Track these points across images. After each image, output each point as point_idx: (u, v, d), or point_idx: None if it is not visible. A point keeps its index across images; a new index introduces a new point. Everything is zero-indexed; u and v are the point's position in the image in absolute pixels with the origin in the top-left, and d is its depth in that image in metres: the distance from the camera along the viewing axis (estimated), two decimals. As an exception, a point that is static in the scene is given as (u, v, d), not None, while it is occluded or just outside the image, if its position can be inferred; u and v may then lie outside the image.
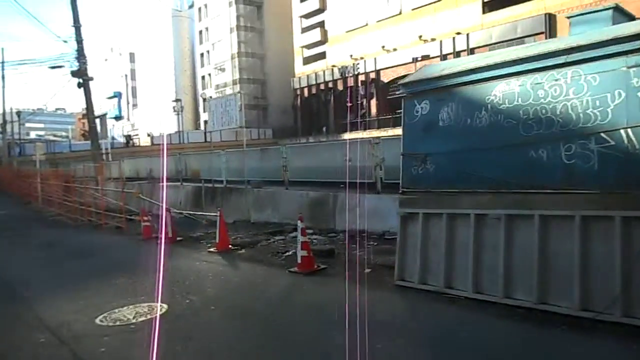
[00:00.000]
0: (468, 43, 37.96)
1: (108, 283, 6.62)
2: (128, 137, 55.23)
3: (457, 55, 38.88)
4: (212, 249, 8.38)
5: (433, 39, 40.88)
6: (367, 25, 47.85)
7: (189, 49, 74.86)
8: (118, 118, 75.87)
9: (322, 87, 54.47)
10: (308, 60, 57.00)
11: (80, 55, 18.38)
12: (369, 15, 47.18)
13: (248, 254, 7.91)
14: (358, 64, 48.64)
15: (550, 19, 32.80)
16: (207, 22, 67.88)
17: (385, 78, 46.69)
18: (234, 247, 8.38)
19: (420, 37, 41.55)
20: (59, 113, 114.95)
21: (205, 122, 68.74)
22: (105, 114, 24.66)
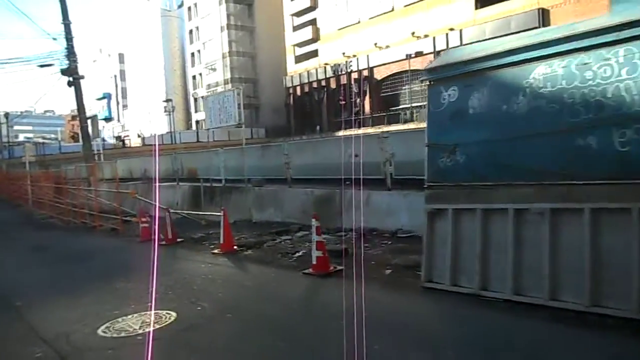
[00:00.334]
0: (461, 39, 37.72)
1: (108, 288, 6.15)
2: (119, 137, 54.41)
3: (451, 52, 38.75)
4: (216, 251, 7.94)
5: (426, 36, 40.64)
6: (359, 23, 47.51)
7: (179, 49, 74.01)
8: (108, 119, 74.75)
9: (314, 85, 54.04)
10: (300, 59, 56.52)
11: (70, 53, 17.80)
12: (361, 13, 46.85)
13: (255, 255, 7.49)
14: (351, 62, 48.32)
15: (544, 14, 32.73)
16: (197, 21, 67.11)
17: (379, 75, 46.41)
18: (239, 248, 7.94)
19: (413, 33, 41.30)
20: (48, 115, 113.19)
21: (197, 122, 68.18)
22: (96, 115, 24.01)
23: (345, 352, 3.27)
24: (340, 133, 38.77)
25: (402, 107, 44.37)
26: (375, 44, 45.02)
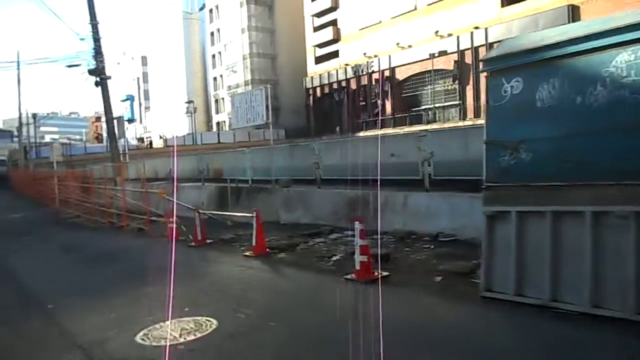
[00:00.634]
0: (487, 38, 36.95)
1: (140, 291, 5.90)
2: (140, 139, 55.10)
3: (475, 51, 38.00)
4: (247, 253, 7.66)
5: (450, 35, 39.92)
6: (380, 23, 47.01)
7: (200, 51, 74.69)
8: (131, 121, 75.65)
9: (334, 86, 53.74)
10: (320, 60, 56.31)
11: (98, 53, 17.83)
12: (383, 12, 46.33)
13: (289, 259, 7.18)
14: (372, 62, 47.87)
15: (574, 11, 31.71)
16: (218, 23, 67.59)
17: (400, 76, 45.82)
18: (272, 250, 7.65)
19: (437, 32, 40.61)
20: (73, 117, 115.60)
21: (218, 123, 68.64)
22: (122, 116, 24.16)
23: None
24: (362, 134, 38.35)
25: (424, 107, 43.68)
26: (397, 44, 44.46)
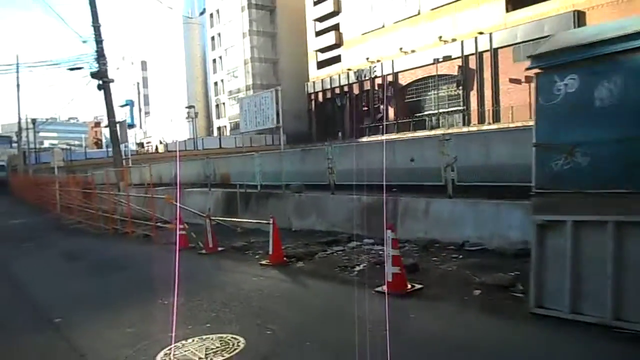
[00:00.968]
0: (491, 43, 36.81)
1: (154, 304, 5.52)
2: (140, 144, 54.70)
3: (479, 56, 37.82)
4: (264, 262, 7.29)
5: (454, 40, 39.76)
6: (383, 27, 46.88)
7: (201, 56, 74.55)
8: (130, 126, 75.57)
9: (337, 91, 53.53)
10: (322, 64, 56.11)
11: (100, 56, 17.53)
12: (386, 17, 46.21)
13: (309, 268, 6.80)
14: (375, 67, 47.67)
15: (580, 17, 31.56)
16: (219, 28, 67.46)
17: (403, 81, 45.63)
18: (289, 259, 7.28)
19: (440, 37, 40.44)
20: (72, 122, 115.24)
21: (219, 128, 68.29)
22: (125, 120, 23.81)
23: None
24: (364, 139, 38.04)
25: (427, 113, 43.43)
26: (400, 49, 44.29)
